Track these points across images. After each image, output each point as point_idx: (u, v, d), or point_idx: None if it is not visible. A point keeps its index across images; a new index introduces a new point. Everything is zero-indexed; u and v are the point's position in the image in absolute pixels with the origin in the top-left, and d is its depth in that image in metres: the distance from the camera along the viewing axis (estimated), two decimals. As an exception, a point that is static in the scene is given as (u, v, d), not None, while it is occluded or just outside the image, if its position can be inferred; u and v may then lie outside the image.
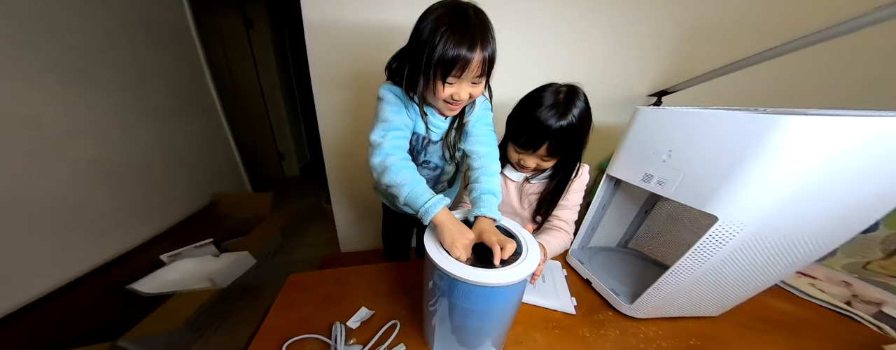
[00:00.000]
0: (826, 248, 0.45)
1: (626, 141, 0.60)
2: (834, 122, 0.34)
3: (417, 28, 0.47)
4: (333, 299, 0.61)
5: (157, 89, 1.53)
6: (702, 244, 0.45)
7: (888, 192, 0.39)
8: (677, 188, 0.48)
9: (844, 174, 0.37)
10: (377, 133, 0.53)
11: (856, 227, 0.43)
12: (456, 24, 0.44)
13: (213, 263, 1.33)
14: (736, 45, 1.06)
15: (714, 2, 1.03)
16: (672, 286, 0.50)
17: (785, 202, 0.39)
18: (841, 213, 0.41)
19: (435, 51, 0.44)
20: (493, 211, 0.49)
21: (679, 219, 0.70)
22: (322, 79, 1.03)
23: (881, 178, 0.38)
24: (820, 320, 0.61)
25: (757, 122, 0.38)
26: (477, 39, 0.44)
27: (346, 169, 1.21)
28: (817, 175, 0.37)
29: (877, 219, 0.41)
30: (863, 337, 0.56)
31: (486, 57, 0.46)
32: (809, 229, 0.42)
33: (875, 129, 0.34)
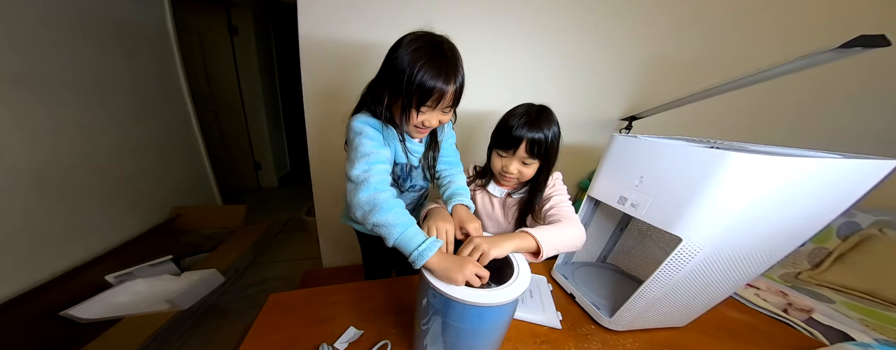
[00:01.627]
0: (770, 262, 0.52)
1: (604, 165, 0.66)
2: (770, 160, 0.40)
3: (393, 56, 0.50)
4: (319, 320, 0.59)
5: (121, 93, 1.42)
6: (669, 262, 0.50)
7: (816, 215, 0.47)
8: (648, 211, 0.54)
9: (781, 201, 0.43)
10: (359, 167, 0.50)
11: (792, 245, 0.50)
12: (433, 58, 0.48)
13: (173, 283, 1.22)
14: (696, 78, 1.22)
15: (675, 39, 1.18)
16: (645, 300, 0.55)
17: (735, 225, 0.45)
18: (780, 233, 0.48)
19: (413, 81, 0.47)
20: (468, 200, 0.61)
21: (648, 235, 0.77)
22: (314, 90, 1.03)
23: (810, 205, 0.45)
24: (764, 327, 0.69)
25: (710, 155, 0.44)
26: (451, 73, 0.49)
27: (332, 180, 1.19)
28: (760, 202, 0.43)
29: (808, 237, 0.49)
30: (799, 341, 0.64)
31: (457, 88, 0.52)
32: (756, 247, 0.49)
33: (803, 167, 0.41)
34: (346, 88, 1.04)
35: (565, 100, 1.21)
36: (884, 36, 0.55)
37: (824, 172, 0.42)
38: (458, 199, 0.60)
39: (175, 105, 1.78)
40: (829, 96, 1.39)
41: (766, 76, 0.72)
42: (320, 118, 1.08)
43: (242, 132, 2.56)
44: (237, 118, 2.50)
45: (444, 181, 0.69)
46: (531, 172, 0.67)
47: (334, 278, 1.30)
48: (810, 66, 0.65)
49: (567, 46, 1.13)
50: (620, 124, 1.27)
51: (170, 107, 1.73)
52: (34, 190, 1.09)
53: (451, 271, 0.42)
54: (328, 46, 0.96)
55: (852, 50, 0.58)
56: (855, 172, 0.43)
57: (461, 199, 0.60)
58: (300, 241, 1.85)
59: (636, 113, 1.15)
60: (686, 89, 0.93)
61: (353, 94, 1.07)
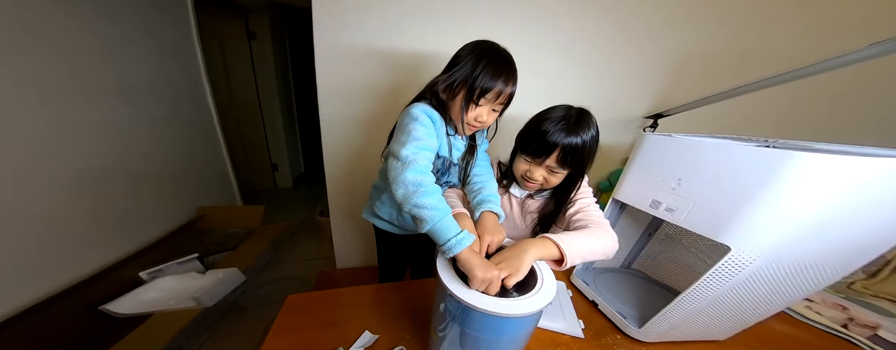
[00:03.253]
0: (837, 275, 0.46)
1: (632, 166, 0.61)
2: (849, 160, 0.35)
3: (459, 57, 0.57)
4: (335, 323, 0.58)
5: (152, 98, 1.49)
6: (714, 273, 0.45)
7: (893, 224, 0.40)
8: (687, 217, 0.49)
9: (857, 207, 0.38)
10: (409, 148, 0.51)
11: (867, 257, 0.44)
12: (496, 60, 0.55)
13: (199, 281, 1.26)
14: (724, 74, 1.13)
15: (700, 33, 1.10)
16: (681, 312, 0.50)
17: (801, 233, 0.40)
18: (854, 242, 0.42)
19: (476, 79, 0.54)
20: (497, 208, 0.59)
21: (678, 240, 0.71)
22: (329, 92, 1.04)
23: (890, 211, 0.39)
24: (821, 343, 0.62)
25: (771, 156, 0.39)
26: (510, 76, 0.56)
27: (347, 181, 1.19)
28: (831, 208, 0.38)
29: (883, 251, 0.42)
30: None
31: (512, 92, 0.58)
32: (823, 258, 0.43)
33: (887, 169, 0.35)
34: (359, 91, 1.04)
35: (584, 97, 1.16)
36: None
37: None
38: (487, 206, 0.59)
39: (200, 109, 1.85)
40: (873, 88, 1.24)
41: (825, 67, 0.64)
42: (334, 120, 1.08)
43: (260, 134, 2.64)
44: (255, 121, 2.58)
45: (474, 186, 0.67)
46: (557, 181, 0.62)
47: (348, 279, 1.31)
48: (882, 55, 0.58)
49: (587, 43, 1.08)
50: (644, 123, 1.19)
51: (196, 110, 1.80)
52: (74, 191, 1.15)
53: (476, 268, 0.41)
54: (343, 50, 0.97)
55: None
56: None
57: (490, 206, 0.59)
58: (314, 242, 1.88)
59: (663, 110, 1.07)
60: (713, 86, 0.86)
61: (367, 96, 1.08)
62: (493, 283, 0.40)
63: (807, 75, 0.67)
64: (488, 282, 0.40)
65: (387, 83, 1.03)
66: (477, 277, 0.40)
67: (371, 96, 1.04)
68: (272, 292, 1.44)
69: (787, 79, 0.70)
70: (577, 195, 0.64)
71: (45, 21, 1.04)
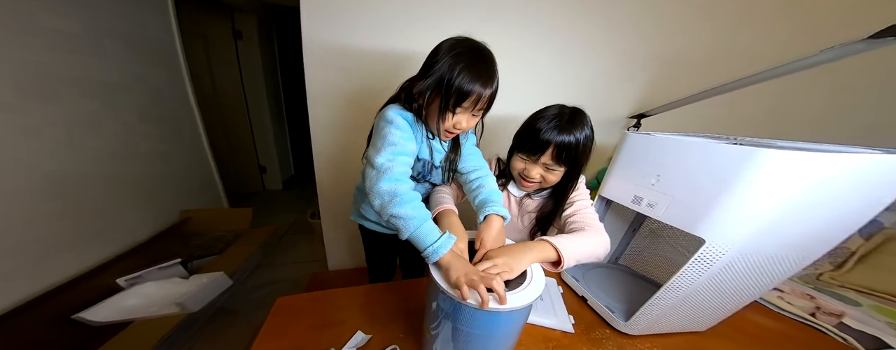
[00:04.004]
0: (801, 265, 0.49)
1: (616, 164, 0.64)
2: (808, 156, 0.37)
3: (434, 59, 0.52)
4: (326, 323, 0.58)
5: (131, 98, 1.44)
6: (691, 265, 0.47)
7: (854, 214, 0.44)
8: (666, 211, 0.51)
9: (817, 200, 0.40)
10: (384, 155, 0.51)
11: (827, 246, 0.47)
12: (473, 62, 0.50)
13: (182, 286, 1.22)
14: (705, 76, 1.18)
15: (682, 37, 1.15)
16: (664, 304, 0.52)
17: (767, 225, 0.42)
18: (815, 234, 0.45)
19: (452, 83, 0.49)
20: (502, 209, 0.56)
21: (660, 235, 0.74)
22: (318, 93, 1.03)
23: (848, 204, 0.42)
24: (792, 332, 0.66)
25: (738, 152, 0.42)
26: (489, 78, 0.52)
27: (337, 183, 1.18)
28: (794, 201, 0.40)
29: (844, 238, 0.45)
30: (832, 348, 0.61)
31: (492, 93, 0.54)
32: (788, 249, 0.46)
33: (843, 164, 0.38)
34: (349, 91, 1.04)
35: (573, 98, 1.17)
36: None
37: (864, 168, 0.39)
38: (490, 209, 0.56)
39: (182, 109, 1.79)
40: (845, 90, 1.33)
41: (790, 69, 0.69)
42: (324, 121, 1.08)
43: (247, 136, 2.58)
44: (242, 122, 2.52)
45: (473, 185, 0.64)
46: (555, 179, 0.63)
47: (340, 281, 1.30)
48: (838, 59, 0.62)
49: (574, 45, 1.11)
50: (628, 123, 1.23)
51: (177, 111, 1.75)
52: (47, 194, 1.10)
53: (455, 271, 0.41)
54: (332, 50, 0.96)
55: (883, 40, 0.55)
56: None
57: (494, 209, 0.56)
58: (306, 244, 1.86)
59: (645, 110, 1.11)
60: (694, 87, 0.90)
61: (357, 97, 1.08)
62: (476, 286, 0.38)
63: (772, 77, 0.71)
64: (466, 286, 0.38)
65: (377, 83, 1.03)
66: (451, 278, 0.40)
67: (361, 97, 1.04)
68: (263, 296, 1.42)
69: (752, 81, 0.75)
70: (574, 196, 0.65)
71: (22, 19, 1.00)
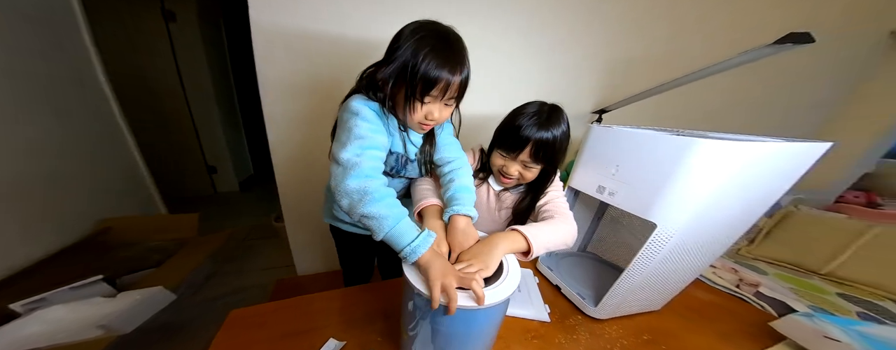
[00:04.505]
0: (730, 242, 0.56)
1: (582, 155, 0.67)
2: (733, 145, 0.43)
3: (397, 44, 0.48)
4: (293, 333, 0.54)
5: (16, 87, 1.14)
6: (646, 248, 0.52)
7: (768, 195, 0.51)
8: (624, 199, 0.55)
9: (742, 183, 0.46)
10: (350, 150, 0.46)
11: (749, 224, 0.54)
12: (438, 47, 0.46)
13: (106, 306, 1.04)
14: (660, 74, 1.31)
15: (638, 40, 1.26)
16: (627, 286, 0.57)
17: (704, 208, 0.47)
18: (742, 213, 0.52)
19: (417, 71, 0.45)
20: (468, 208, 0.52)
21: (620, 222, 0.80)
22: (271, 85, 0.94)
23: (764, 186, 0.49)
24: (725, 303, 0.75)
25: (679, 142, 0.46)
26: (457, 63, 0.48)
27: (301, 182, 1.10)
28: (724, 185, 0.45)
29: (760, 216, 0.53)
30: (753, 315, 0.71)
31: (462, 80, 0.50)
32: (721, 228, 0.53)
33: (760, 151, 0.44)
34: (308, 81, 0.96)
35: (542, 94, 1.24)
36: (809, 33, 0.63)
37: (776, 155, 0.46)
38: (454, 208, 0.52)
39: (93, 100, 1.49)
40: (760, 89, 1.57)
41: (715, 70, 0.80)
42: (281, 115, 0.99)
43: (190, 132, 2.29)
44: (182, 117, 2.23)
45: (444, 178, 0.61)
46: (532, 177, 0.64)
47: (311, 286, 1.23)
48: (753, 60, 0.73)
49: (543, 44, 1.16)
50: (592, 117, 1.33)
51: (86, 102, 1.45)
52: None
53: (433, 272, 0.39)
54: (285, 35, 0.88)
55: (785, 46, 0.66)
56: (799, 154, 0.47)
57: (456, 209, 0.51)
58: (271, 249, 1.73)
59: (606, 106, 1.21)
60: (648, 85, 1.00)
61: (317, 87, 1.01)
62: (448, 291, 0.37)
63: (707, 75, 0.82)
64: (444, 288, 0.37)
65: (341, 72, 0.97)
66: (430, 278, 0.38)
67: (322, 87, 0.98)
68: (221, 308, 1.27)
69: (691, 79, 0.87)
70: (549, 187, 0.68)
71: None
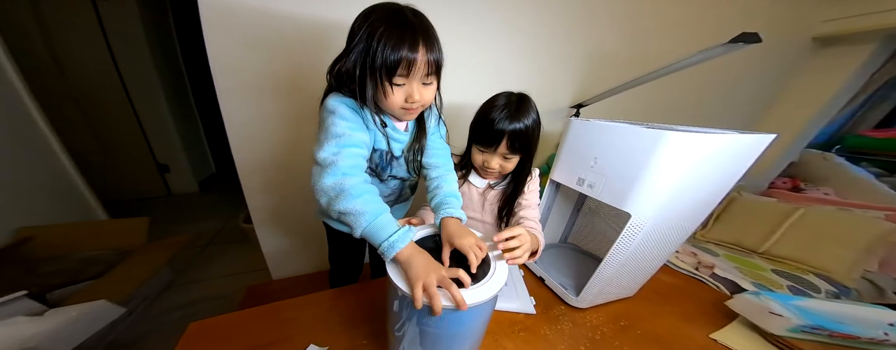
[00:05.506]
0: (693, 228, 0.60)
1: (563, 149, 0.68)
2: (697, 137, 0.46)
3: (354, 32, 0.46)
4: (267, 343, 0.50)
5: None
6: (622, 238, 0.54)
7: (725, 183, 0.55)
8: (602, 191, 0.57)
9: (703, 172, 0.50)
10: (327, 149, 0.45)
11: (708, 211, 0.59)
12: (393, 25, 0.43)
13: (31, 326, 0.90)
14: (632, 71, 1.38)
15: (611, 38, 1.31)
16: (605, 275, 0.59)
17: (671, 196, 0.50)
18: (703, 200, 0.56)
19: (376, 54, 0.43)
20: (458, 211, 0.52)
21: (596, 213, 0.83)
22: (228, 75, 0.84)
23: (722, 174, 0.53)
24: (687, 286, 0.81)
25: (651, 135, 0.48)
26: (418, 38, 0.44)
27: (269, 180, 1.02)
28: (688, 174, 0.49)
29: (718, 202, 0.57)
30: (710, 295, 0.77)
31: (431, 58, 0.46)
32: (686, 215, 0.57)
33: (719, 142, 0.47)
34: (274, 69, 0.87)
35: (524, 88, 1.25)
36: (757, 34, 0.69)
37: (733, 145, 0.49)
38: (446, 211, 0.52)
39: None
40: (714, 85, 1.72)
41: (677, 67, 0.86)
42: (242, 107, 0.89)
43: (131, 126, 2.02)
44: (120, 109, 1.96)
45: (431, 184, 0.61)
46: (512, 167, 0.66)
47: (288, 291, 1.15)
48: (708, 59, 0.80)
49: (524, 40, 1.16)
50: (570, 112, 1.37)
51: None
52: None
53: (414, 270, 0.37)
54: (241, 17, 0.78)
55: (737, 45, 0.72)
56: (750, 145, 0.51)
57: (450, 211, 0.51)
58: (241, 253, 1.59)
59: (583, 100, 1.25)
60: (621, 79, 1.04)
61: (283, 74, 0.92)
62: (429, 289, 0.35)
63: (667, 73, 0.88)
64: (425, 287, 0.35)
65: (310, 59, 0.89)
66: (410, 277, 0.37)
67: (289, 74, 0.89)
68: (180, 319, 1.17)
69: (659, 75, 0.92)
70: (528, 191, 0.71)
71: None
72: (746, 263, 1.21)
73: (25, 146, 1.36)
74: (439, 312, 0.35)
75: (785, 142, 1.91)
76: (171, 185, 2.33)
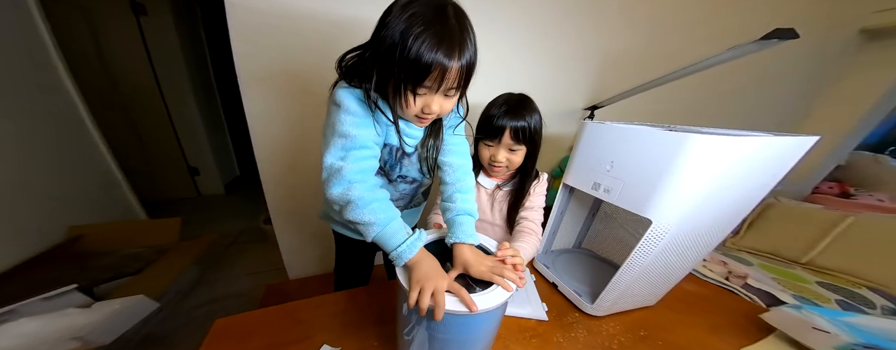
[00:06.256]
0: (723, 236, 0.57)
1: (577, 152, 0.66)
2: (727, 140, 0.43)
3: (384, 22, 0.40)
4: (284, 342, 0.51)
5: None
6: (642, 245, 0.52)
7: (759, 188, 0.51)
8: (619, 196, 0.55)
9: (734, 177, 0.47)
10: (334, 154, 0.43)
11: (740, 218, 0.55)
12: (433, 24, 0.37)
13: (82, 317, 0.98)
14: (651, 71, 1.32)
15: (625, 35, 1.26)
16: (623, 283, 0.57)
17: (698, 203, 0.47)
18: (734, 207, 0.52)
19: (407, 54, 0.37)
20: (472, 236, 0.47)
21: (613, 218, 0.80)
22: (252, 79, 0.88)
23: (755, 179, 0.49)
24: (715, 296, 0.77)
25: (674, 138, 0.46)
26: (455, 44, 0.39)
27: (289, 183, 1.06)
28: (718, 180, 0.46)
29: (751, 209, 0.53)
30: (743, 306, 0.72)
31: (464, 65, 0.41)
32: (714, 222, 0.53)
33: (751, 145, 0.44)
34: (296, 72, 0.90)
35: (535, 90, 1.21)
36: (793, 29, 0.64)
37: (767, 149, 0.46)
38: (459, 236, 0.46)
39: (55, 99, 1.39)
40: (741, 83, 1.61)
41: (703, 66, 0.81)
42: (265, 108, 0.93)
43: (167, 132, 2.18)
44: (157, 116, 2.12)
45: (446, 191, 0.56)
46: (519, 159, 0.68)
47: (303, 290, 1.18)
48: (738, 57, 0.75)
49: (535, 41, 1.15)
50: (584, 114, 1.34)
51: (47, 102, 1.35)
52: None
53: (418, 273, 0.38)
54: (269, 16, 0.80)
55: (770, 41, 0.67)
56: (789, 148, 0.48)
57: (462, 236, 0.46)
58: (261, 253, 1.67)
59: (598, 102, 1.21)
60: (638, 79, 1.01)
61: (308, 79, 0.96)
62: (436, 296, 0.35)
63: (695, 71, 0.83)
64: (434, 292, 0.35)
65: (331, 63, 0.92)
66: (412, 281, 0.37)
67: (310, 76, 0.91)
68: (207, 315, 1.24)
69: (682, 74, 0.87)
70: (534, 194, 0.72)
71: None
72: (786, 274, 1.11)
73: (80, 151, 1.51)
74: (440, 318, 0.35)
75: (830, 143, 1.76)
76: (200, 188, 2.48)
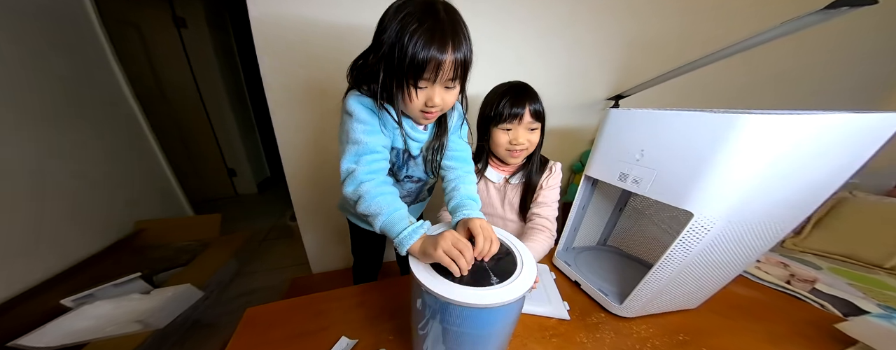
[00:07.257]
0: (783, 233, 0.49)
1: (600, 142, 0.62)
2: (784, 119, 0.36)
3: (382, 27, 0.44)
4: (305, 332, 0.53)
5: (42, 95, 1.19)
6: (681, 241, 0.46)
7: (830, 177, 0.43)
8: (652, 186, 0.50)
9: (796, 164, 0.40)
10: (349, 160, 0.48)
11: (806, 212, 0.46)
12: (425, 22, 0.41)
13: (143, 302, 1.11)
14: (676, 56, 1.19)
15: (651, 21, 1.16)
16: (657, 284, 0.51)
17: (751, 193, 0.41)
18: (796, 199, 0.44)
19: (404, 53, 0.41)
20: (477, 212, 0.50)
21: (644, 214, 0.74)
22: (276, 85, 0.93)
23: (823, 167, 0.41)
24: (773, 301, 0.67)
25: (719, 120, 0.40)
26: (448, 38, 0.42)
27: (312, 183, 1.11)
28: (775, 166, 0.39)
29: (821, 202, 0.45)
30: (810, 314, 0.62)
31: (459, 59, 0.44)
32: (771, 216, 0.46)
33: (817, 125, 0.37)
34: (317, 79, 0.95)
35: (553, 83, 1.18)
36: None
37: (837, 129, 0.38)
38: (464, 212, 0.49)
39: (117, 107, 1.57)
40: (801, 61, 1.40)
41: (753, 43, 0.71)
42: (289, 114, 0.99)
43: (209, 137, 2.38)
44: (199, 122, 2.31)
45: (449, 185, 0.59)
46: (537, 138, 0.67)
47: (325, 284, 1.23)
48: (798, 30, 0.64)
49: (552, 30, 1.09)
50: (606, 104, 1.25)
51: (111, 109, 1.53)
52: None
53: (427, 248, 0.40)
54: (290, 29, 0.85)
55: (839, 10, 0.57)
56: (868, 128, 0.39)
57: (467, 212, 0.49)
58: (287, 248, 1.78)
59: (622, 92, 1.13)
60: (667, 67, 0.91)
61: (326, 85, 1.00)
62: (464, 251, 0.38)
63: (741, 50, 0.73)
64: (445, 250, 0.38)
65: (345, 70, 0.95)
66: (433, 256, 0.38)
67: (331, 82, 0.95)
68: (241, 306, 1.33)
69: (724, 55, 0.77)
70: (546, 188, 0.69)
71: None
72: (866, 280, 0.95)
73: (140, 155, 1.70)
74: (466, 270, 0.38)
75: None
76: (237, 187, 2.69)
